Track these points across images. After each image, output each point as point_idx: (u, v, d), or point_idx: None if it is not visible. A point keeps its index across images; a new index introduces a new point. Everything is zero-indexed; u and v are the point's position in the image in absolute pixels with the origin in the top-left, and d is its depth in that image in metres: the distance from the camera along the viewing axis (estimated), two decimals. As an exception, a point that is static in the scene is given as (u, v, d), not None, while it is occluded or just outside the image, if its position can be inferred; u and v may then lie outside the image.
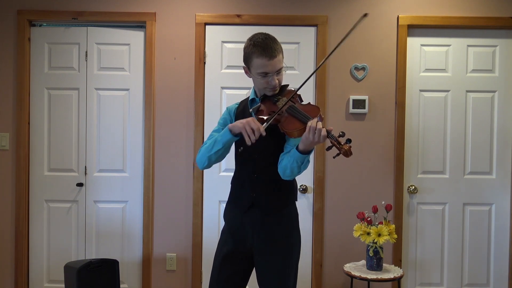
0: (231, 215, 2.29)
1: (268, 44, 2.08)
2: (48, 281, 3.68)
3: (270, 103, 2.15)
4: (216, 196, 3.61)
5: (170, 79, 3.61)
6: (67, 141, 3.66)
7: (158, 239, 3.63)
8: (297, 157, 1.99)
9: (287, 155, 2.08)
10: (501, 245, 3.65)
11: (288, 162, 2.04)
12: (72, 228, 3.67)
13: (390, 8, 3.58)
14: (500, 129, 3.63)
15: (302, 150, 1.96)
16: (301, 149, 1.97)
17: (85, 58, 3.64)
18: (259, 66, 2.09)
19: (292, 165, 2.03)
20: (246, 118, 2.21)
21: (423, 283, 3.67)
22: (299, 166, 2.02)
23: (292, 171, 2.05)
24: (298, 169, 2.03)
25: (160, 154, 3.62)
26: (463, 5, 3.57)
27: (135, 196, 3.66)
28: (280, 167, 2.10)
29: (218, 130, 2.30)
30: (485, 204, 3.66)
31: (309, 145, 1.94)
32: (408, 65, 3.60)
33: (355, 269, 3.16)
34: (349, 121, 3.58)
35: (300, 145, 1.97)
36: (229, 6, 3.59)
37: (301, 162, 2.00)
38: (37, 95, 3.64)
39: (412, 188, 3.62)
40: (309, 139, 1.91)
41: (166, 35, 3.60)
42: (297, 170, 2.04)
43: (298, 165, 2.01)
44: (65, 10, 3.58)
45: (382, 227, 3.08)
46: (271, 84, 2.13)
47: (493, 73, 3.63)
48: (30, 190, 3.65)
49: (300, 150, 1.97)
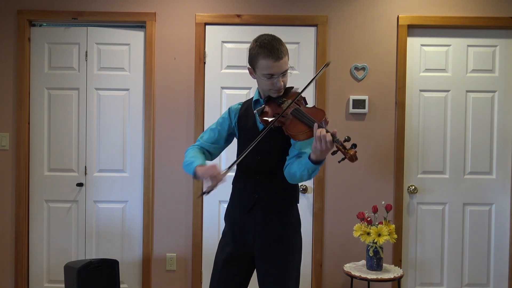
0: (233, 216, 2.28)
1: (275, 46, 2.06)
2: (48, 281, 3.68)
3: (274, 104, 2.13)
4: (216, 196, 3.61)
5: (170, 79, 3.61)
6: (67, 141, 3.66)
7: (158, 239, 3.63)
8: (309, 167, 1.96)
9: (297, 162, 2.05)
10: (501, 245, 3.65)
11: (298, 169, 2.02)
12: (72, 228, 3.67)
13: (390, 8, 3.58)
14: (500, 129, 3.63)
15: (314, 160, 1.93)
16: (313, 158, 1.93)
17: (85, 58, 3.64)
18: (265, 68, 2.08)
19: (302, 173, 2.00)
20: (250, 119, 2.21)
21: (423, 283, 3.67)
22: (309, 174, 2.00)
23: (301, 178, 2.03)
24: (308, 177, 2.02)
25: (160, 154, 3.62)
26: (463, 5, 3.57)
27: (135, 196, 3.66)
28: (289, 173, 2.08)
29: (215, 130, 2.31)
30: (485, 204, 3.66)
31: (319, 155, 1.90)
32: (408, 65, 3.60)
33: (355, 269, 3.16)
34: (349, 121, 3.58)
35: (312, 155, 1.93)
36: (229, 6, 3.59)
37: (312, 171, 1.98)
38: (37, 95, 3.64)
39: (412, 188, 3.62)
40: (317, 148, 1.87)
41: (166, 35, 3.60)
42: (306, 178, 2.02)
43: (309, 173, 1.99)
44: (65, 10, 3.58)
45: (382, 227, 3.08)
46: (276, 86, 2.11)
47: (493, 73, 3.63)
48: (30, 190, 3.65)
49: (312, 160, 1.93)
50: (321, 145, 1.85)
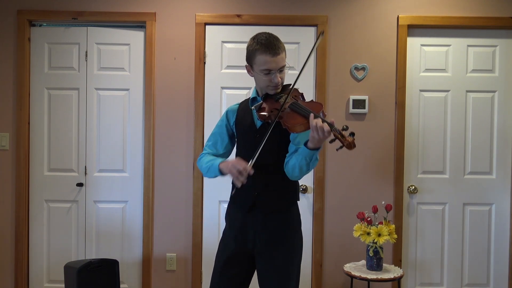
0: (233, 215, 2.29)
1: (272, 42, 2.10)
2: (48, 281, 3.68)
3: (272, 100, 2.15)
4: (216, 196, 3.61)
5: (170, 79, 3.61)
6: (67, 141, 3.66)
7: (158, 239, 3.63)
8: (306, 154, 1.99)
9: (295, 154, 2.08)
10: (501, 245, 3.65)
11: (296, 160, 2.04)
12: (72, 228, 3.67)
13: (390, 8, 3.58)
14: (500, 129, 3.63)
15: (312, 147, 1.98)
16: (310, 146, 1.98)
17: (85, 58, 3.64)
18: (262, 63, 2.10)
19: (301, 163, 2.03)
20: (248, 116, 2.23)
21: (423, 283, 3.67)
22: (308, 164, 2.02)
23: (301, 169, 2.05)
24: (307, 167, 2.03)
25: (160, 154, 3.62)
26: (463, 5, 3.57)
27: (135, 196, 3.66)
28: (288, 168, 2.10)
29: (216, 134, 2.34)
30: (485, 204, 3.66)
31: (317, 143, 1.96)
32: (408, 65, 3.60)
33: (355, 269, 3.16)
34: (349, 121, 3.58)
35: (309, 144, 1.98)
36: (229, 6, 3.59)
37: (310, 158, 2.00)
38: (37, 95, 3.64)
39: (412, 188, 3.62)
40: (315, 138, 1.92)
41: (166, 35, 3.60)
42: (305, 168, 2.04)
43: (307, 162, 2.01)
44: (65, 10, 3.58)
45: (382, 227, 3.08)
46: (273, 82, 2.13)
47: (493, 73, 3.63)
48: (30, 190, 3.65)
49: (309, 147, 1.98)
50: (318, 135, 1.90)
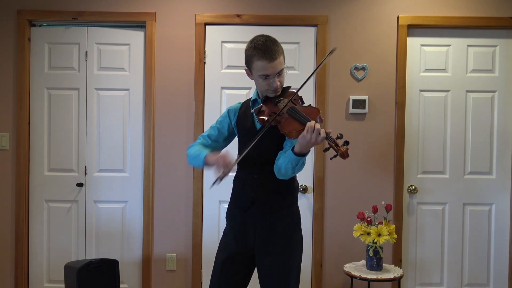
0: (233, 215, 2.30)
1: (269, 47, 2.07)
2: (48, 281, 3.68)
3: (271, 104, 2.16)
4: (216, 196, 3.61)
5: (170, 79, 3.61)
6: (67, 141, 3.66)
7: (158, 239, 3.63)
8: (292, 159, 1.99)
9: (283, 155, 2.08)
10: (501, 245, 3.65)
11: (283, 162, 2.05)
12: (72, 228, 3.67)
13: (390, 8, 3.58)
14: (500, 129, 3.63)
15: (298, 152, 1.96)
16: (297, 151, 1.96)
17: (85, 58, 3.64)
18: (260, 69, 2.09)
19: (286, 166, 2.03)
20: (248, 118, 2.24)
21: (423, 283, 3.67)
22: (293, 168, 2.01)
23: (286, 171, 2.05)
24: (292, 170, 2.03)
25: (160, 154, 3.62)
26: (463, 5, 3.57)
27: (135, 196, 3.66)
28: (276, 166, 2.11)
29: (215, 128, 2.33)
30: (485, 204, 3.66)
31: (305, 146, 1.92)
32: (408, 65, 3.60)
33: (355, 269, 3.16)
34: (349, 121, 3.58)
35: (296, 147, 1.96)
36: (229, 6, 3.59)
37: (296, 163, 2.00)
38: (37, 95, 3.64)
39: (412, 188, 3.62)
40: (306, 139, 1.89)
41: (166, 35, 3.60)
42: (291, 172, 2.04)
43: (292, 166, 2.01)
44: (65, 10, 3.59)
45: (382, 227, 3.08)
46: (272, 86, 2.13)
47: (493, 73, 3.63)
48: (30, 190, 3.65)
49: (296, 152, 1.96)
50: (310, 136, 1.88)
